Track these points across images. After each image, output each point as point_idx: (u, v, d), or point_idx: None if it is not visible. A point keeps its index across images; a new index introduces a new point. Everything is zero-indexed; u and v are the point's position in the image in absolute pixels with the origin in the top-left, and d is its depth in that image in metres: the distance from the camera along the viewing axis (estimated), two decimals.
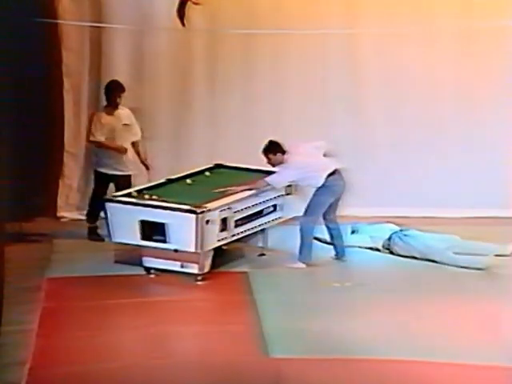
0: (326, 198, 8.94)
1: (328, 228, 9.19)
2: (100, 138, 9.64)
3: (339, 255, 9.26)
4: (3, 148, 7.92)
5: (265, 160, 9.04)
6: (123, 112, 9.77)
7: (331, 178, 8.91)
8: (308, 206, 8.96)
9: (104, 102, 9.93)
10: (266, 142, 9.00)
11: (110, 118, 9.71)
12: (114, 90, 9.70)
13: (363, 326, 7.69)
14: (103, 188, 9.61)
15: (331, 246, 9.36)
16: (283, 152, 8.94)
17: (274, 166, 9.05)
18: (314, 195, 8.96)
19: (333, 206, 9.04)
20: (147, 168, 9.87)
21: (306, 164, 8.92)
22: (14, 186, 8.73)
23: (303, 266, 9.01)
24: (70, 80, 10.60)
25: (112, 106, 9.73)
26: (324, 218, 9.11)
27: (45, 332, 7.52)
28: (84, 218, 10.02)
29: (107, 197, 8.98)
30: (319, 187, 8.91)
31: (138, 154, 9.88)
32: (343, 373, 6.93)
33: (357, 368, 6.98)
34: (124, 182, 9.60)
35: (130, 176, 9.75)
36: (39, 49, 10.16)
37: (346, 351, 7.24)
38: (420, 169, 10.74)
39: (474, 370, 6.97)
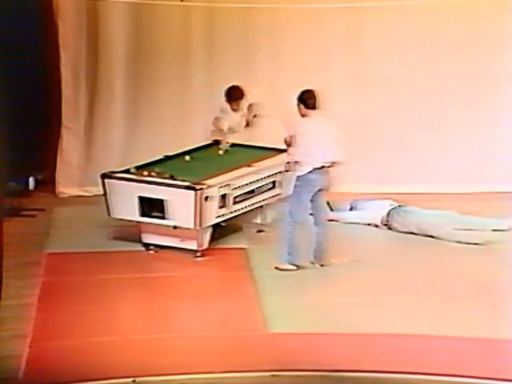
0: (304, 193, 8.36)
1: (315, 227, 8.49)
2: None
3: (316, 260, 8.51)
4: (1, 121, 7.90)
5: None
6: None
7: (314, 171, 8.30)
8: (290, 205, 8.44)
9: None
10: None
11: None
12: (232, 98, 9.63)
13: (362, 301, 7.72)
14: None
15: None
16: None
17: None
18: (293, 191, 8.40)
19: (317, 204, 8.47)
20: None
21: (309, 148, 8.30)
22: (13, 160, 8.72)
23: (293, 267, 8.40)
24: (67, 53, 10.51)
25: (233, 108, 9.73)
26: (313, 216, 8.53)
27: (44, 306, 7.55)
28: (84, 194, 10.01)
29: (106, 172, 8.97)
30: (298, 177, 8.36)
31: None
32: (342, 347, 6.97)
33: (356, 342, 7.02)
34: None
35: None
36: (35, 21, 10.10)
37: (344, 326, 7.25)
38: (419, 145, 10.71)
39: (473, 343, 7.01)
